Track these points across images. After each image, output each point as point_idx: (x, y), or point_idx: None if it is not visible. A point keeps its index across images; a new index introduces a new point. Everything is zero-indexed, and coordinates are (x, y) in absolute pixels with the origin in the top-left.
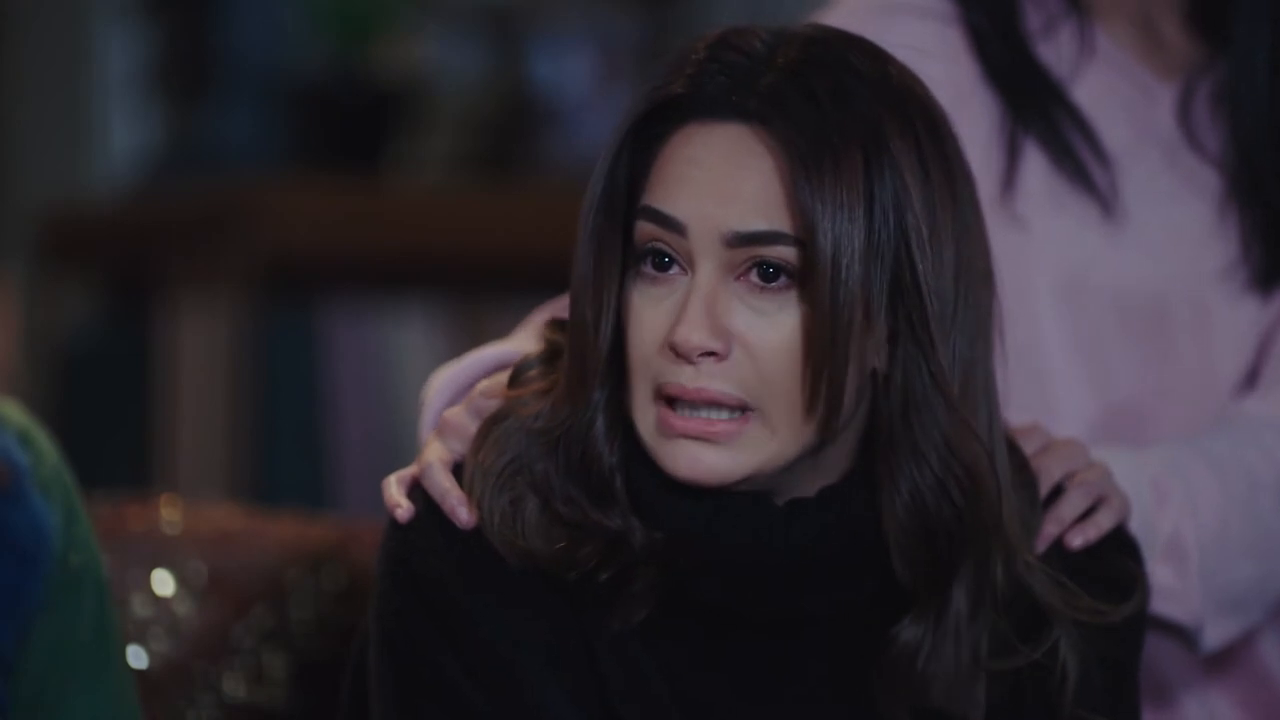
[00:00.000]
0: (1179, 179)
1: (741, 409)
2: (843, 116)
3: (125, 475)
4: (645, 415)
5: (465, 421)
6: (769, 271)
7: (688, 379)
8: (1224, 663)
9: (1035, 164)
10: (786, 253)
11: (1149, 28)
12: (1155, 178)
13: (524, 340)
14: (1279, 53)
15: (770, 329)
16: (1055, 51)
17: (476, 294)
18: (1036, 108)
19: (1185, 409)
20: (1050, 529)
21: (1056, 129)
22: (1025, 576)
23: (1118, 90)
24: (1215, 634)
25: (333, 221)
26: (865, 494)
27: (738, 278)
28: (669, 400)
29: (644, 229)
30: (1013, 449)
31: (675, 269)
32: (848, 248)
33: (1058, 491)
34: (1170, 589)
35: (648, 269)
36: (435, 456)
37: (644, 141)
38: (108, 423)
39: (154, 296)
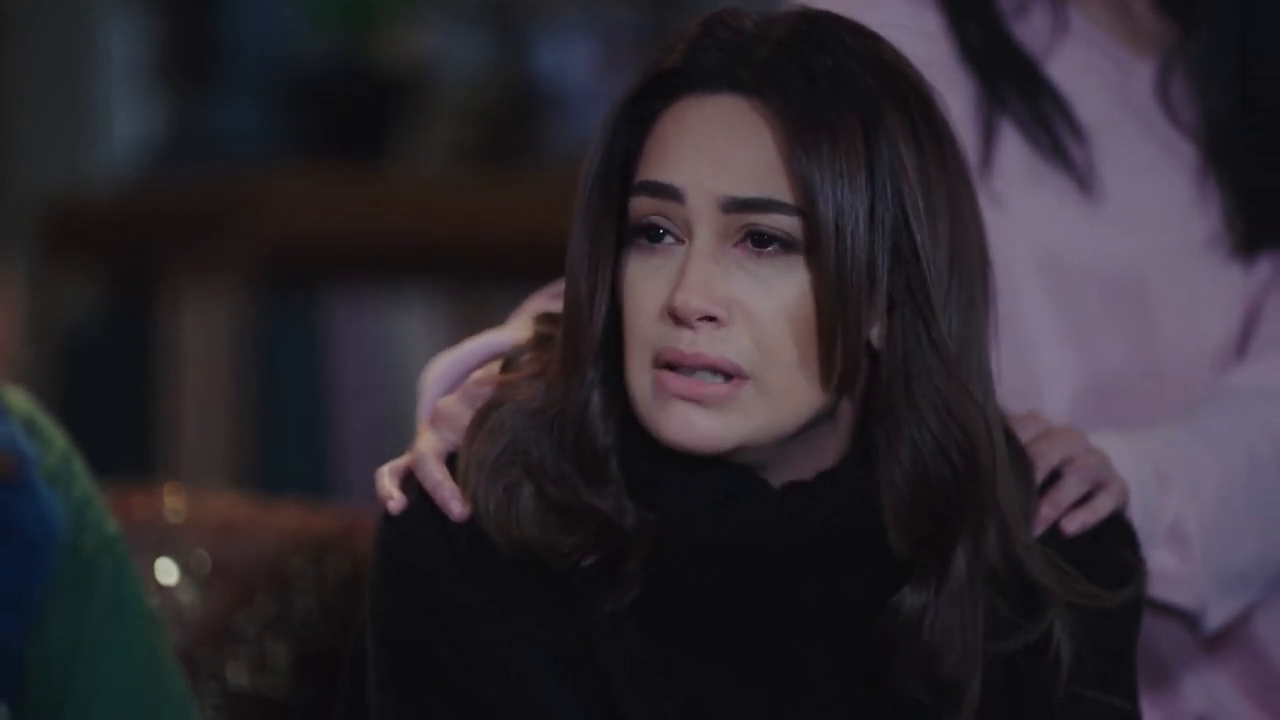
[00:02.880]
0: (1158, 153)
1: (736, 374)
2: (838, 88)
3: (129, 465)
4: (641, 381)
5: (459, 411)
6: (762, 238)
7: (686, 344)
8: (1221, 643)
9: (1012, 143)
10: (781, 221)
11: (1120, 6)
12: (1134, 152)
13: (521, 327)
14: (1247, 30)
15: (768, 295)
16: (1029, 30)
17: (478, 283)
18: (1012, 86)
19: (1171, 382)
20: (1047, 512)
21: (1032, 106)
22: (1022, 557)
23: (1093, 66)
24: (1220, 614)
25: (335, 212)
26: (863, 475)
27: (734, 245)
28: (667, 366)
29: (640, 204)
30: (1009, 436)
31: (670, 239)
32: (850, 216)
33: (1055, 477)
34: (1173, 575)
35: (643, 242)
36: (428, 447)
37: (639, 119)
38: (111, 413)
39: (156, 287)
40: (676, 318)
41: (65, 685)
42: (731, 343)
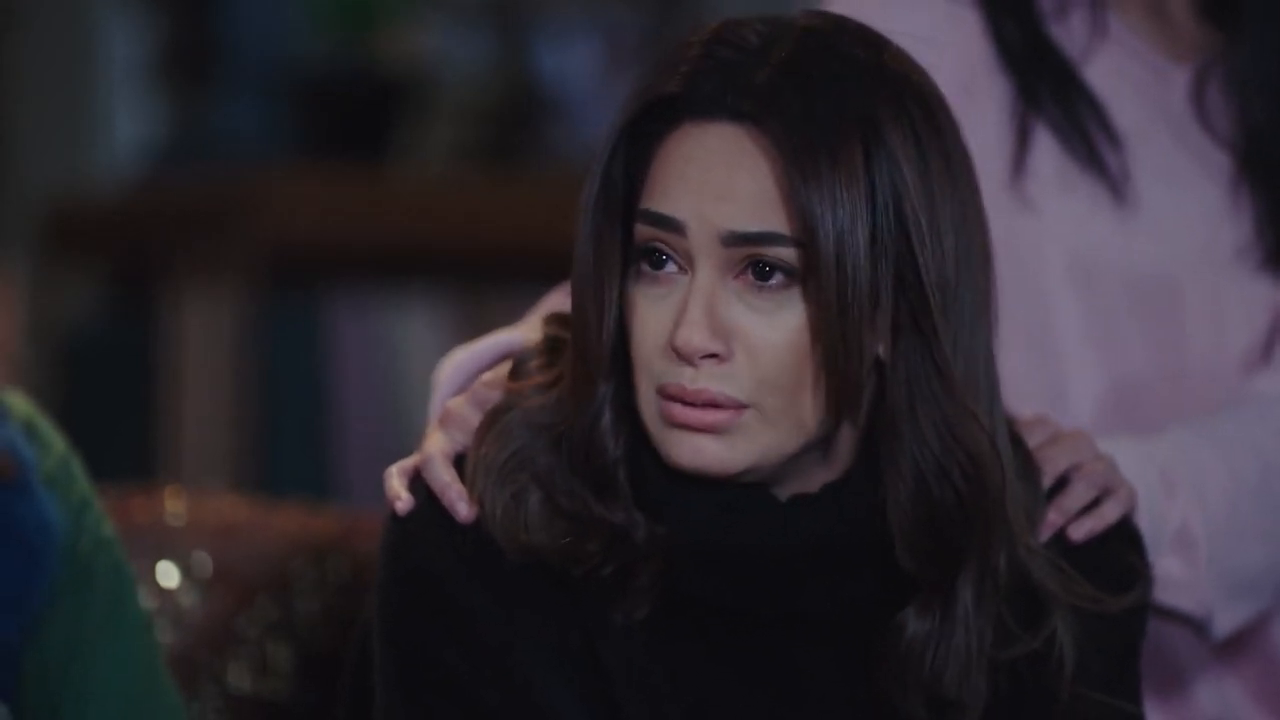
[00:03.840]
0: (1190, 161)
1: (737, 407)
2: (837, 111)
3: (129, 467)
4: (649, 407)
5: (467, 413)
6: (764, 270)
7: (688, 380)
8: (1236, 649)
9: (1046, 146)
10: (784, 253)
11: (1160, 12)
12: (1167, 160)
13: (535, 327)
14: None
15: (770, 328)
16: (1066, 33)
17: (480, 285)
18: (1048, 89)
19: (1197, 390)
20: (1054, 518)
21: (1068, 110)
22: (1025, 560)
23: (1129, 72)
24: (1227, 620)
25: (336, 212)
26: (868, 489)
27: (735, 276)
28: (670, 398)
29: (643, 231)
30: (1016, 441)
31: (672, 267)
32: (851, 246)
33: (1062, 483)
34: (1179, 580)
35: (645, 268)
36: (436, 448)
37: (639, 138)
38: (112, 414)
39: (158, 287)
40: (679, 354)
41: (61, 688)
42: (733, 378)
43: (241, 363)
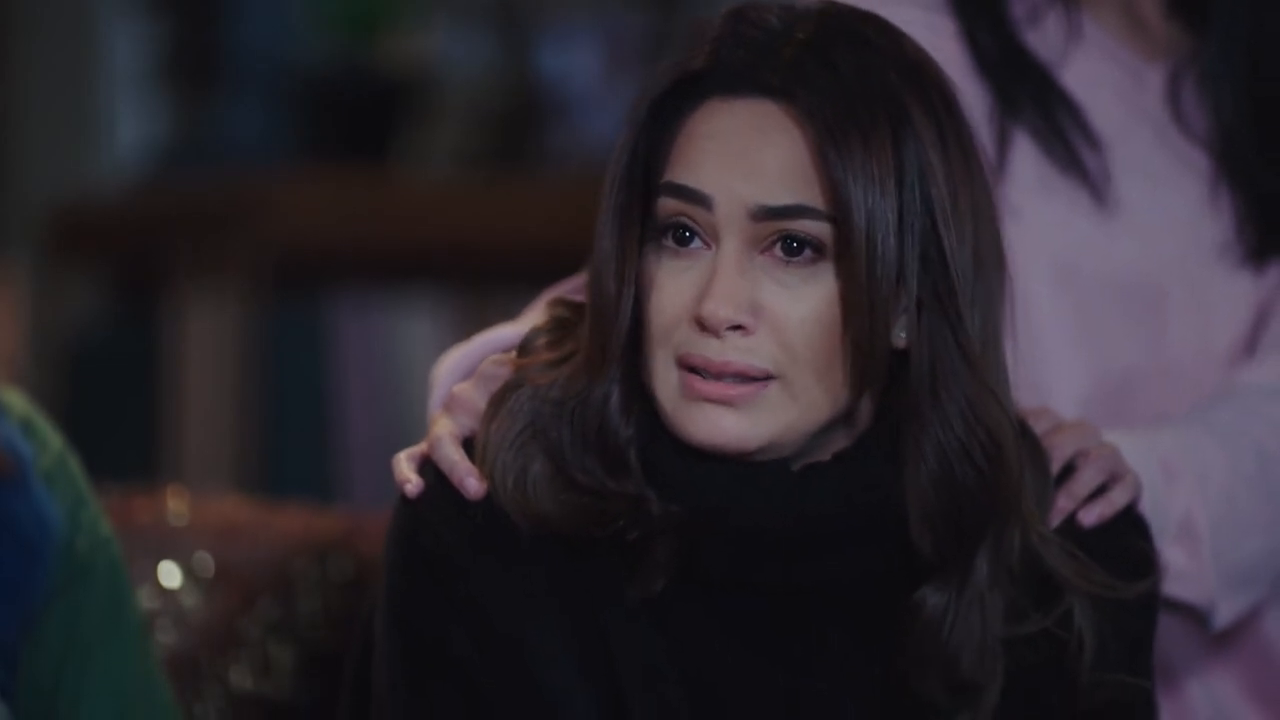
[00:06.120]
0: (1170, 160)
1: (765, 378)
2: (866, 89)
3: (133, 468)
4: (666, 381)
5: (475, 397)
6: (793, 246)
7: (714, 352)
8: (1228, 644)
9: (1025, 152)
10: (813, 227)
11: (1131, 13)
12: (1146, 159)
13: (532, 323)
14: (1257, 36)
15: (796, 302)
16: (1042, 38)
17: (483, 287)
18: (1026, 94)
19: (1181, 387)
20: (1063, 503)
21: (1047, 115)
22: (1039, 548)
23: (1106, 74)
24: (1227, 610)
25: (340, 215)
26: (881, 456)
27: (762, 251)
28: (692, 368)
29: (666, 204)
30: (1024, 428)
31: (697, 243)
32: (881, 222)
33: (1069, 470)
34: (1183, 571)
35: (669, 243)
36: (444, 431)
37: (664, 117)
38: (115, 415)
39: (161, 290)
40: (703, 326)
41: (58, 687)
42: (759, 350)
43: (245, 365)
